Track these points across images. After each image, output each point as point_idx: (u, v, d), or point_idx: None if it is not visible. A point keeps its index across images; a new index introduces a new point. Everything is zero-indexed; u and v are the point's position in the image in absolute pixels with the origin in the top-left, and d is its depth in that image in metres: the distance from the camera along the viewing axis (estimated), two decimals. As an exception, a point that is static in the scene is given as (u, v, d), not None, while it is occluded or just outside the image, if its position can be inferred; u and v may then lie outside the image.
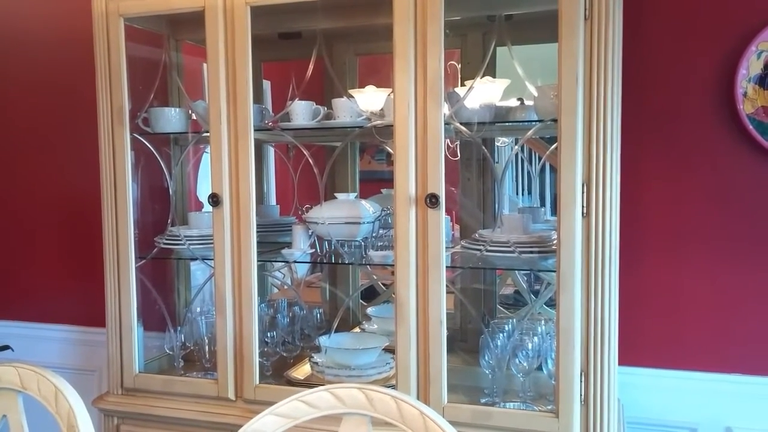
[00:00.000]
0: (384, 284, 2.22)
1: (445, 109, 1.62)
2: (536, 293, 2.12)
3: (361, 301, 2.30)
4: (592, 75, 1.48)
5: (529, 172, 2.14)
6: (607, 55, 1.47)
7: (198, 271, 2.24)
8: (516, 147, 2.04)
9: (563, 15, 1.47)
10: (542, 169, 2.10)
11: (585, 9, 1.47)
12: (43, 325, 2.54)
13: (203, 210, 2.15)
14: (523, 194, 2.20)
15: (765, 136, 1.75)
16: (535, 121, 1.69)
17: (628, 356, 1.87)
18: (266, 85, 2.31)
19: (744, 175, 1.80)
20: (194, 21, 1.77)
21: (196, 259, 2.02)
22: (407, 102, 1.60)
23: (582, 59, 1.48)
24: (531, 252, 1.68)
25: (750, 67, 1.75)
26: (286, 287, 2.37)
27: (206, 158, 1.90)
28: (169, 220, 2.03)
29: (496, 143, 2.08)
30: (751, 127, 1.75)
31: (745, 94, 1.76)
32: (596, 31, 1.47)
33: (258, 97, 2.11)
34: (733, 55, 1.77)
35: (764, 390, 1.82)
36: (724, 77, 1.79)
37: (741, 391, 1.84)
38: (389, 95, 1.65)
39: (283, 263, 2.18)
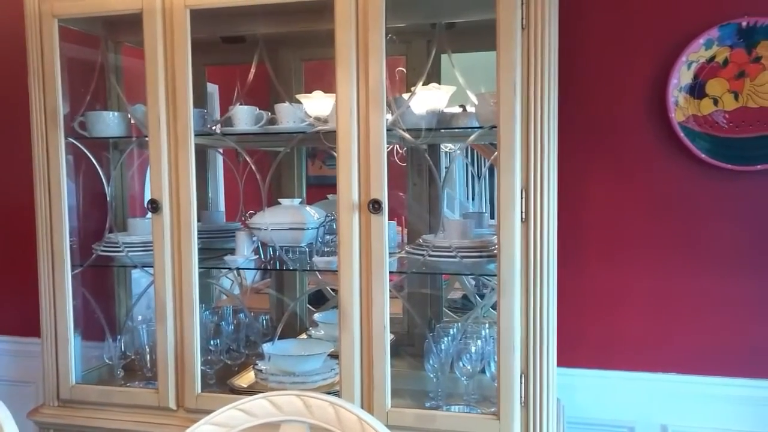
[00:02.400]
0: (332, 289, 2.21)
1: (389, 116, 1.62)
2: (483, 297, 2.15)
3: (309, 306, 2.29)
4: (529, 83, 1.51)
5: (479, 176, 2.18)
6: (544, 63, 1.51)
7: (142, 278, 2.19)
8: (457, 152, 2.07)
9: (501, 24, 1.50)
10: (490, 173, 2.13)
11: (522, 18, 1.50)
12: (-25, 337, 2.44)
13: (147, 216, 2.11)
14: (473, 199, 2.23)
15: (695, 144, 1.82)
16: (476, 128, 1.71)
17: (569, 358, 1.92)
18: (213, 88, 2.28)
19: (677, 182, 1.87)
20: (133, 23, 1.74)
21: (135, 266, 1.98)
22: (349, 108, 1.60)
23: (519, 68, 1.51)
24: (473, 257, 1.70)
25: (681, 76, 1.82)
26: (231, 294, 2.34)
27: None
28: (107, 227, 1.98)
29: (442, 149, 2.11)
30: (682, 134, 1.82)
31: (676, 103, 1.83)
32: (533, 41, 1.50)
33: (200, 101, 2.08)
34: (665, 65, 1.83)
35: (698, 388, 1.89)
36: (657, 86, 1.85)
37: (676, 390, 1.90)
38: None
39: (228, 269, 2.15)
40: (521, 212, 1.53)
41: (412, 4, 1.71)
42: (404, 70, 2.04)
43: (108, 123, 1.92)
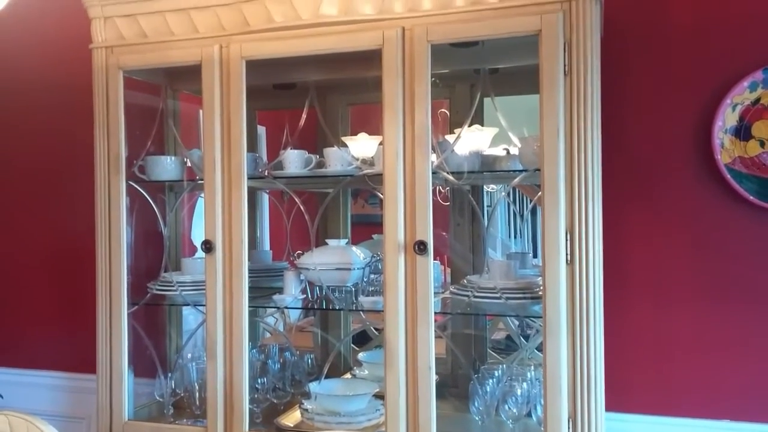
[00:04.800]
0: (376, 329, 2.23)
1: (434, 158, 1.67)
2: (527, 338, 2.13)
3: (353, 345, 2.31)
4: (572, 127, 1.54)
5: (521, 215, 2.19)
6: (587, 108, 1.53)
7: (190, 315, 2.26)
8: (503, 194, 2.09)
9: (544, 71, 1.54)
10: (533, 213, 2.15)
11: (564, 65, 1.54)
12: (33, 372, 2.52)
13: (196, 255, 2.18)
14: (515, 237, 2.24)
15: (742, 185, 1.80)
16: (520, 170, 1.74)
17: (617, 402, 1.88)
18: (261, 130, 2.37)
19: (724, 223, 1.85)
20: (191, 72, 1.84)
21: (188, 305, 2.04)
22: (396, 152, 1.65)
23: (562, 112, 1.54)
24: (517, 298, 1.71)
25: (726, 119, 1.82)
26: (278, 333, 2.38)
27: (201, 202, 1.94)
28: (163, 266, 2.06)
29: (485, 188, 2.14)
30: (729, 176, 1.81)
31: (722, 145, 1.82)
32: (576, 86, 1.54)
33: (252, 145, 2.17)
34: (710, 107, 1.84)
35: (751, 437, 1.83)
36: (702, 129, 1.86)
37: (728, 437, 1.85)
38: (380, 143, 1.71)
39: (276, 308, 2.20)
40: (566, 254, 1.54)
41: (456, 53, 1.76)
42: (447, 111, 2.09)
43: (165, 167, 2.01)
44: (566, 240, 1.54)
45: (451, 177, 1.73)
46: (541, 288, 1.58)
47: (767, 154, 1.80)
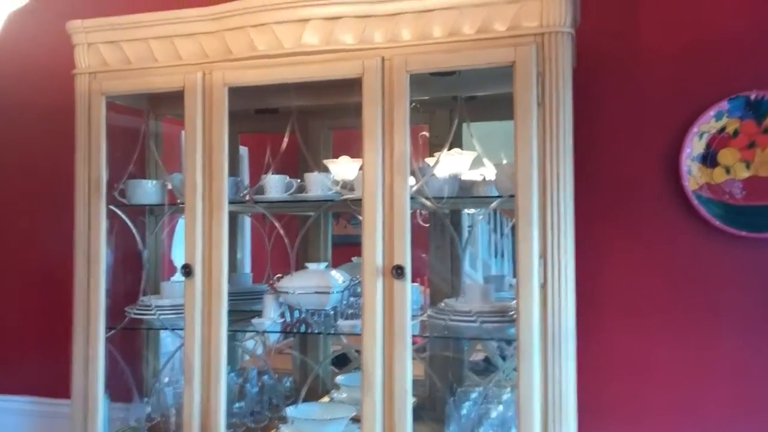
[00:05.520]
0: (357, 351, 2.24)
1: (413, 179, 1.70)
2: (505, 358, 2.16)
3: (333, 367, 2.31)
4: (546, 156, 1.59)
5: (503, 234, 2.23)
6: (560, 137, 1.59)
7: (168, 337, 2.25)
8: (479, 217, 2.13)
9: (518, 101, 1.60)
10: (513, 232, 2.18)
11: (538, 95, 1.59)
12: (4, 397, 2.49)
13: (176, 275, 2.17)
14: (496, 257, 2.28)
15: (709, 211, 1.87)
16: (496, 196, 1.78)
17: (591, 424, 1.91)
18: (243, 151, 2.39)
19: (693, 248, 1.91)
20: (174, 97, 1.86)
21: (166, 329, 2.04)
22: (375, 178, 1.69)
23: (536, 141, 1.59)
24: (492, 321, 1.74)
25: (693, 146, 1.89)
26: (256, 356, 2.38)
27: (182, 222, 1.94)
28: (141, 290, 2.05)
29: (464, 210, 2.17)
30: (696, 202, 1.88)
31: (689, 172, 1.89)
32: (549, 116, 1.59)
33: (234, 168, 2.18)
34: (678, 135, 1.91)
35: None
36: (671, 156, 1.92)
37: (701, 458, 1.89)
38: (360, 168, 1.74)
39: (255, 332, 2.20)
40: (540, 278, 1.58)
41: (435, 81, 1.81)
42: (428, 134, 2.14)
43: (146, 191, 2.02)
44: (539, 264, 1.58)
45: (428, 203, 1.77)
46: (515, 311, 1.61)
47: (732, 181, 1.87)
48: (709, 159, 1.89)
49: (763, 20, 1.88)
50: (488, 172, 1.88)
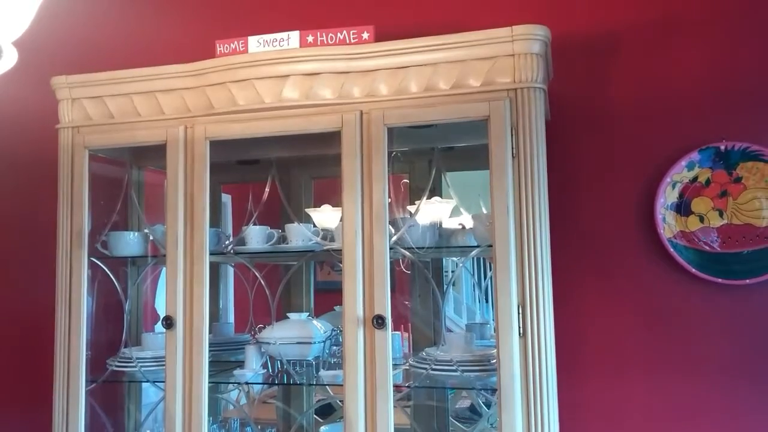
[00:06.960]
0: (340, 401, 2.22)
1: (392, 228, 1.73)
2: (490, 406, 2.15)
3: (316, 417, 2.29)
4: (522, 206, 1.62)
5: (486, 277, 2.24)
6: (535, 188, 1.62)
7: (150, 388, 2.22)
8: (460, 265, 2.16)
9: (493, 153, 1.64)
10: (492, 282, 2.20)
11: (512, 148, 1.64)
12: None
13: (158, 326, 2.16)
14: (479, 302, 2.29)
15: (685, 258, 1.90)
16: (474, 246, 1.81)
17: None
18: (226, 198, 2.41)
19: (670, 295, 1.93)
20: (157, 149, 1.89)
21: (148, 381, 2.02)
22: (354, 228, 1.71)
23: (512, 192, 1.62)
24: (473, 370, 1.74)
25: (667, 196, 1.93)
26: (239, 407, 2.36)
27: (165, 272, 1.94)
28: (123, 342, 2.04)
29: (445, 258, 2.19)
30: (672, 250, 1.91)
31: (664, 220, 1.93)
32: (523, 167, 1.63)
33: (215, 219, 2.20)
34: (652, 185, 1.95)
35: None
36: (646, 205, 1.96)
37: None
38: (340, 219, 1.76)
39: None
40: (519, 328, 1.60)
41: (413, 133, 1.85)
42: (407, 182, 2.17)
43: (128, 242, 2.03)
44: (518, 314, 1.60)
45: (407, 253, 1.79)
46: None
47: (706, 229, 1.90)
48: (683, 208, 1.93)
49: (729, 72, 1.95)
50: (467, 220, 1.91)
